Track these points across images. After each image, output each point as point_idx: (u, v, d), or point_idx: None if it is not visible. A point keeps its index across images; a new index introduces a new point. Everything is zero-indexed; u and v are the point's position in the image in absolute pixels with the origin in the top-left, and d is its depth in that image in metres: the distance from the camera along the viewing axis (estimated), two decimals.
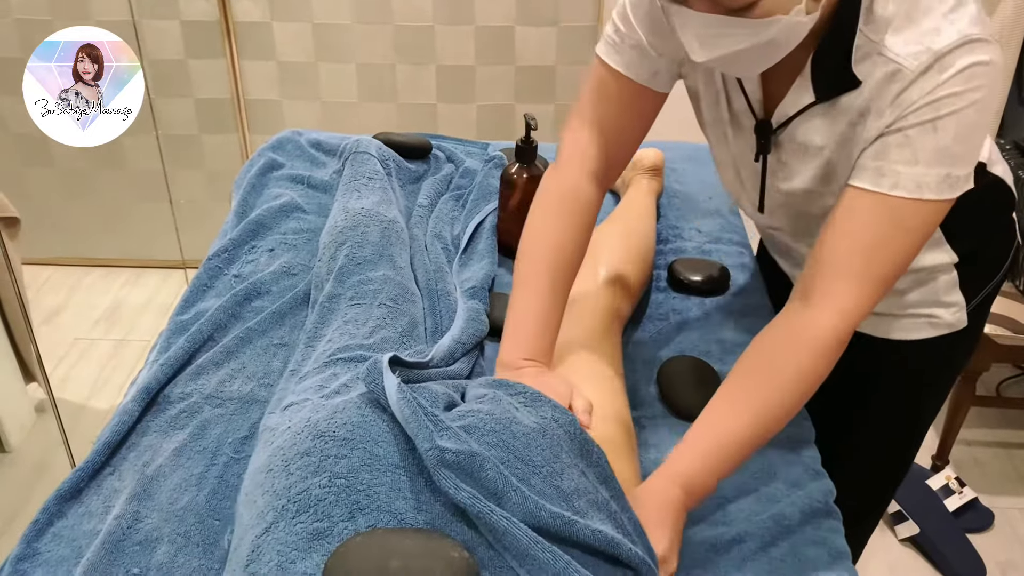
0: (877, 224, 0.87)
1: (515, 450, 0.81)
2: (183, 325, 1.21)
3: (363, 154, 1.47)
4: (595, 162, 1.06)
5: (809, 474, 1.04)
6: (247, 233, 1.38)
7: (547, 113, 2.51)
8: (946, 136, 0.83)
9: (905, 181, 0.85)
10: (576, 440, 0.87)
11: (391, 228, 1.28)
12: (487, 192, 1.48)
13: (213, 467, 1.00)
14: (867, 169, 0.87)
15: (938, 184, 0.85)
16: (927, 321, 1.12)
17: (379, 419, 0.84)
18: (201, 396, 1.09)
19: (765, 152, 1.00)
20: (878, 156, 0.86)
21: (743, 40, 0.81)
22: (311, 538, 0.74)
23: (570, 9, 2.38)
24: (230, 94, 2.49)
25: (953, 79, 0.81)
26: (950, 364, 1.22)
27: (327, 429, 0.83)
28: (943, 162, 0.84)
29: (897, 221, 0.87)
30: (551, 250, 1.05)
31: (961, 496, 1.99)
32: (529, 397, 0.90)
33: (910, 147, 0.84)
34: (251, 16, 2.38)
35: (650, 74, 1.03)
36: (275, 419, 0.95)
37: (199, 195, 2.62)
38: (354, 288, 1.15)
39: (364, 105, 2.51)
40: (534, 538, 0.74)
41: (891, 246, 0.88)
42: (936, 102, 0.82)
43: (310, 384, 0.99)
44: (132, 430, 1.04)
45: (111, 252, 2.76)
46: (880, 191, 0.86)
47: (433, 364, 1.01)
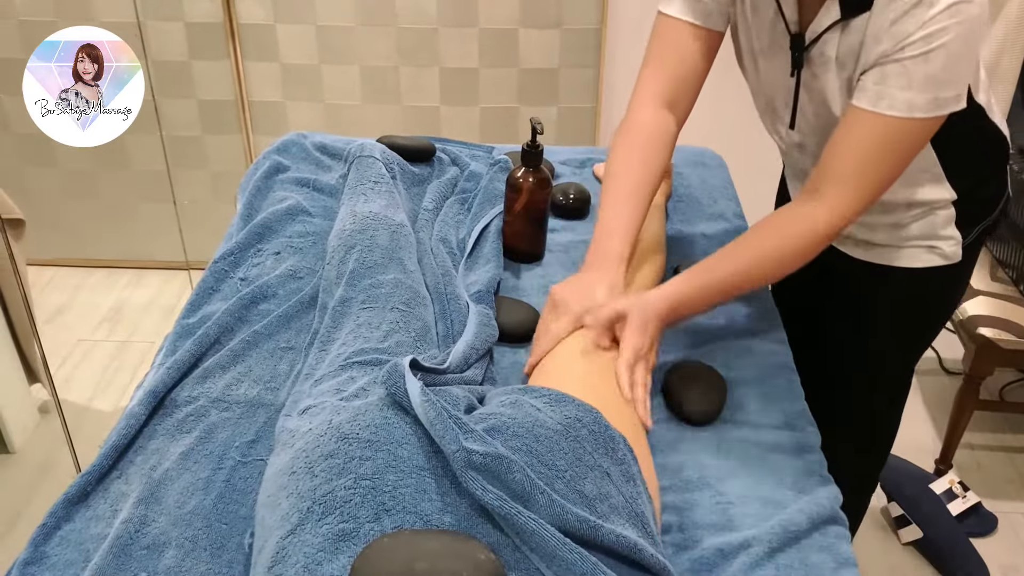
0: (873, 139, 1.03)
1: (539, 454, 0.82)
2: (189, 328, 1.21)
3: (368, 158, 1.47)
4: (665, 95, 1.20)
5: (815, 480, 1.04)
6: (253, 236, 1.38)
7: (551, 115, 2.51)
8: (935, 64, 0.97)
9: (899, 104, 1.00)
10: (600, 438, 0.88)
11: (399, 232, 1.28)
12: (492, 196, 1.48)
13: (220, 471, 1.00)
14: (867, 91, 1.02)
15: (927, 104, 1.00)
16: (927, 250, 1.25)
17: (402, 421, 0.84)
18: (208, 400, 1.09)
19: (799, 67, 1.12)
20: (878, 81, 1.01)
21: None
22: (337, 539, 0.75)
23: (573, 12, 2.38)
24: (234, 95, 2.49)
25: (941, 14, 0.95)
26: (946, 295, 1.35)
27: (350, 431, 0.83)
28: (931, 87, 0.99)
29: (890, 136, 1.02)
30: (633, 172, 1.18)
31: (964, 500, 1.99)
32: (552, 398, 0.90)
33: (906, 75, 0.99)
34: (255, 18, 2.39)
35: (704, 15, 1.17)
36: (293, 422, 0.95)
37: (203, 196, 2.63)
38: (366, 291, 1.15)
39: (367, 107, 2.51)
40: (561, 539, 0.75)
41: (884, 158, 1.04)
42: (928, 36, 0.96)
43: (327, 387, 0.99)
44: (139, 433, 1.04)
45: (114, 253, 2.76)
46: (877, 111, 1.01)
47: (451, 370, 1.02)
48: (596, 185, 1.64)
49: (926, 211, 1.22)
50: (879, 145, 1.03)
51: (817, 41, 1.08)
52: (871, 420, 1.47)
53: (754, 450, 1.07)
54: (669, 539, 0.94)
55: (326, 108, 2.52)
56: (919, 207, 1.21)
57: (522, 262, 1.41)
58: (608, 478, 0.84)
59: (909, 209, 1.22)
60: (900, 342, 1.38)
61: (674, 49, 1.19)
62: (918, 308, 1.32)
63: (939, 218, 1.22)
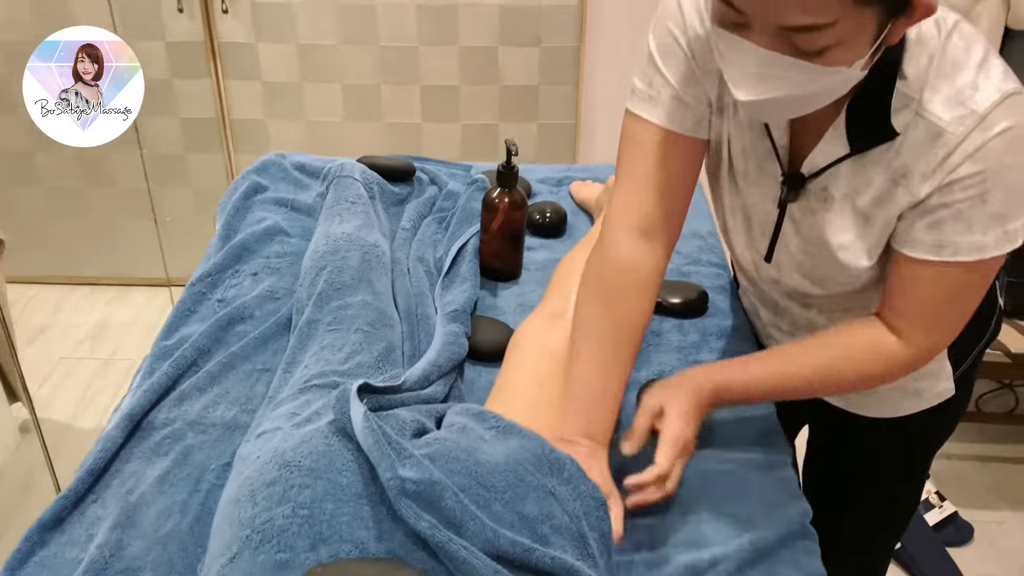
0: (945, 286, 0.91)
1: (478, 476, 0.83)
2: (167, 351, 1.22)
3: (347, 178, 1.49)
4: (651, 220, 1.01)
5: (785, 496, 1.06)
6: (231, 257, 1.39)
7: (530, 132, 2.54)
8: (995, 203, 0.85)
9: (965, 248, 0.87)
10: (545, 460, 0.88)
11: (371, 252, 1.29)
12: (470, 214, 1.49)
13: (196, 494, 1.00)
14: (923, 243, 0.89)
15: (996, 242, 0.87)
16: (913, 395, 1.13)
17: (345, 448, 0.85)
18: (184, 422, 1.10)
19: (792, 201, 0.98)
20: (932, 230, 0.88)
21: (796, 86, 0.80)
22: (274, 569, 0.76)
23: (552, 30, 2.40)
24: (215, 114, 2.50)
25: (992, 143, 0.82)
26: (934, 435, 1.23)
27: (293, 459, 0.84)
28: (996, 225, 0.86)
29: (962, 280, 0.91)
30: (611, 326, 1.00)
31: (941, 510, 2.01)
32: (502, 429, 0.91)
33: (963, 221, 0.86)
34: (236, 37, 2.40)
35: (694, 123, 0.99)
36: (248, 448, 0.96)
37: (185, 213, 2.63)
38: (332, 313, 1.16)
39: (349, 125, 2.53)
40: (493, 567, 0.76)
41: (960, 299, 0.93)
42: (981, 173, 0.83)
43: (283, 412, 1.00)
44: (115, 457, 1.05)
45: (96, 270, 2.76)
46: (942, 259, 0.89)
47: (406, 388, 1.02)
48: (573, 204, 1.66)
49: None
50: (953, 290, 0.92)
51: (818, 176, 0.94)
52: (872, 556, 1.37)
53: (725, 467, 1.08)
54: (640, 558, 0.96)
55: (308, 126, 2.53)
56: None
57: (499, 281, 1.43)
58: (553, 497, 0.85)
59: None
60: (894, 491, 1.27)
61: (658, 165, 0.99)
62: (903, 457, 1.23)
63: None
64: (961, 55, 0.84)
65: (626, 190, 1.02)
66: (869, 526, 1.31)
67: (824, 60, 0.78)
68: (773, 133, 0.96)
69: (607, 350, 1.00)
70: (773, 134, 0.96)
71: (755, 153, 0.99)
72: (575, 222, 1.60)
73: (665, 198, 1.01)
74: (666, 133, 0.99)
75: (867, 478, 1.26)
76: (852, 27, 0.76)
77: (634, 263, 1.01)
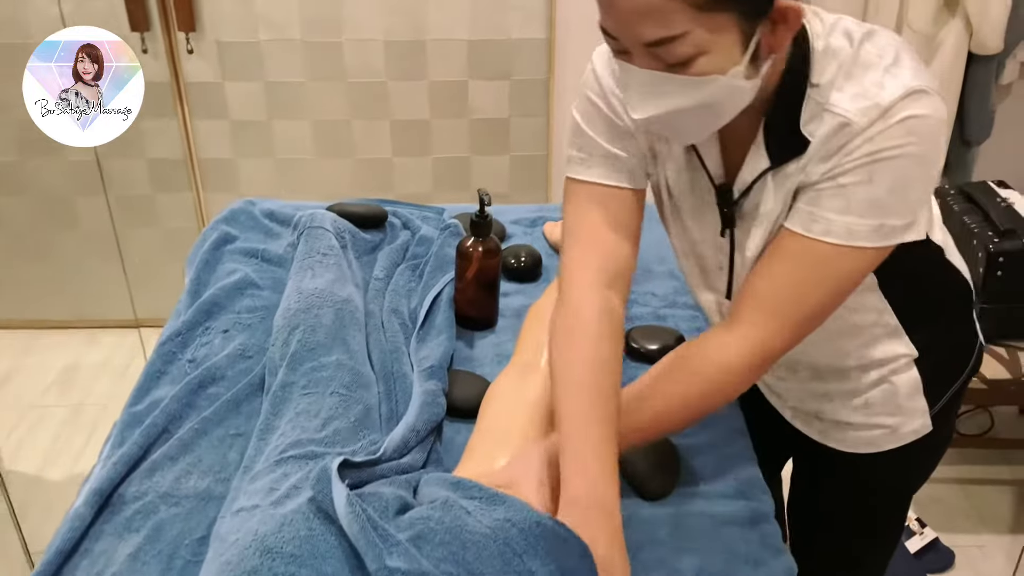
0: (805, 266, 0.90)
1: (465, 563, 0.81)
2: (137, 417, 1.19)
3: (318, 228, 1.46)
4: (607, 273, 1.02)
5: (770, 551, 1.05)
6: (200, 314, 1.36)
7: (503, 164, 2.53)
8: (881, 188, 0.84)
9: (837, 228, 0.87)
10: (529, 537, 0.85)
11: (344, 309, 1.27)
12: (444, 262, 1.48)
13: (170, 572, 0.97)
14: (800, 213, 0.89)
15: (870, 233, 0.86)
16: (888, 431, 1.12)
17: (328, 532, 0.83)
18: (156, 495, 1.07)
19: (731, 225, 0.99)
20: (811, 202, 0.88)
21: (680, 99, 0.82)
22: None
23: (521, 63, 2.40)
24: (183, 154, 2.47)
25: (891, 129, 0.82)
26: (913, 472, 1.22)
27: (275, 544, 0.82)
28: (876, 213, 0.85)
29: (825, 265, 0.89)
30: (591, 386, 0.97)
31: (922, 537, 2.02)
32: (486, 500, 0.90)
33: (843, 197, 0.86)
34: (203, 76, 2.38)
35: (628, 175, 1.03)
36: (225, 526, 0.94)
37: (155, 253, 2.60)
38: (307, 375, 1.14)
39: (319, 161, 2.51)
40: None
41: (817, 289, 0.90)
42: (874, 153, 0.83)
43: (260, 486, 0.98)
44: (85, 535, 1.02)
45: (63, 314, 2.72)
46: (811, 236, 0.88)
47: (385, 458, 1.00)
48: (547, 245, 1.65)
49: (886, 373, 1.08)
50: (812, 273, 0.89)
51: (748, 193, 0.95)
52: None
53: (708, 522, 1.07)
54: None
55: (277, 164, 2.51)
56: (876, 368, 1.07)
57: (475, 329, 1.41)
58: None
59: (865, 372, 1.08)
60: (876, 526, 1.25)
61: (602, 219, 1.02)
62: (881, 493, 1.21)
63: (901, 386, 1.08)
64: (873, 59, 0.85)
65: (575, 248, 1.04)
66: (851, 561, 1.30)
67: (693, 70, 0.80)
68: (706, 161, 0.98)
69: (594, 400, 0.96)
70: (706, 162, 0.98)
71: (696, 187, 1.01)
72: (550, 264, 1.59)
73: (613, 249, 1.03)
74: (604, 188, 1.02)
75: (849, 512, 1.25)
76: (708, 35, 0.78)
77: (597, 315, 1.01)
